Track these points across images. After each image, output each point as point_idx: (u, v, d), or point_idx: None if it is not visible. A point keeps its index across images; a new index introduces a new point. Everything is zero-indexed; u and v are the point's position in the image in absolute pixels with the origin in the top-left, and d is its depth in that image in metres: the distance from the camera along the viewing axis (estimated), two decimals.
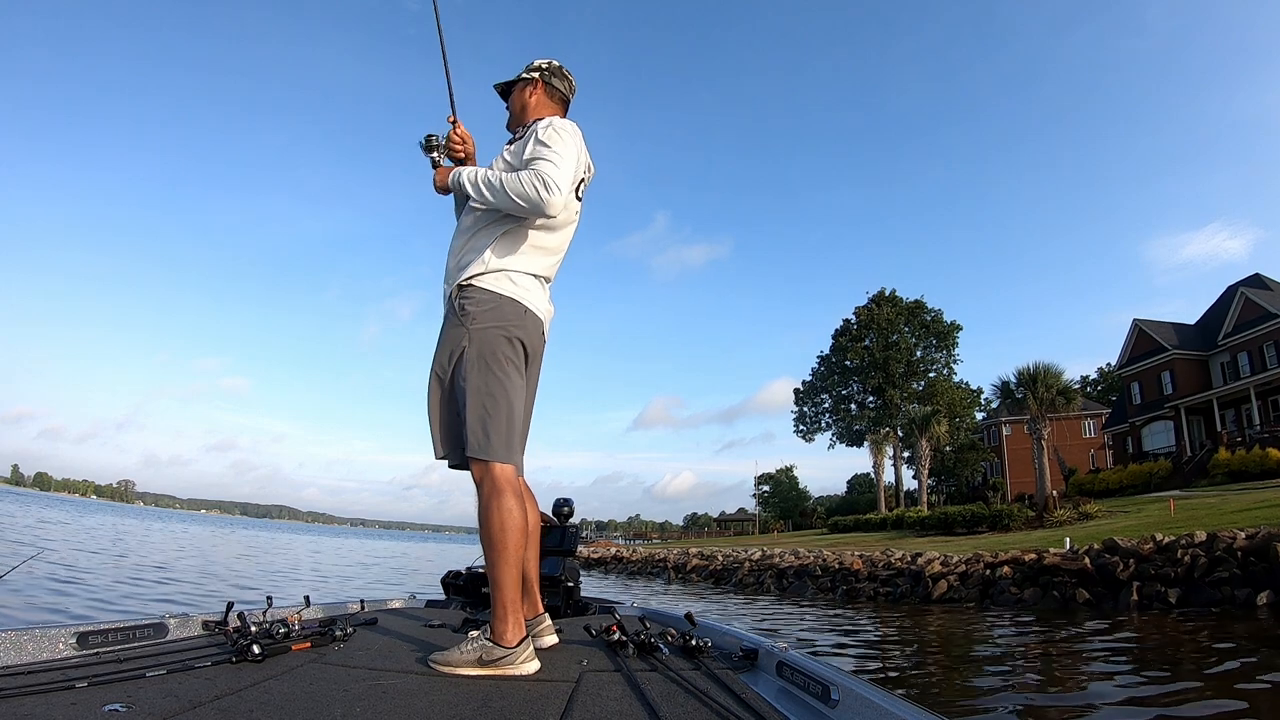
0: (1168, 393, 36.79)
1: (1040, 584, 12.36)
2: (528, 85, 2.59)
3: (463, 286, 2.29)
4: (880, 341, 49.39)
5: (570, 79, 2.66)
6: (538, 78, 2.60)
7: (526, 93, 2.59)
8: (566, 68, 2.65)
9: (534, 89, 2.59)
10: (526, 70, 2.61)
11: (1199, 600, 10.17)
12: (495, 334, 2.24)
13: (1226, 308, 35.49)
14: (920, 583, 14.37)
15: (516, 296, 2.30)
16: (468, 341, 2.23)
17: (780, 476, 79.72)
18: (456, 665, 2.02)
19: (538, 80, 2.60)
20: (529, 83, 2.59)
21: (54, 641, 1.96)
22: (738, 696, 1.75)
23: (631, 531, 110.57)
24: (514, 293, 2.29)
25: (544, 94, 2.60)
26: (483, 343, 2.23)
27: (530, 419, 2.56)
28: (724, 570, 22.50)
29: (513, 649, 2.03)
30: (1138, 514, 20.72)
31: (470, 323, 2.24)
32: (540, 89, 2.59)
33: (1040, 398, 26.46)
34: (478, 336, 2.23)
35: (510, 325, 2.27)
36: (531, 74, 2.60)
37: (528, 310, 2.32)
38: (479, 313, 2.25)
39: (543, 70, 2.61)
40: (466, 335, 2.24)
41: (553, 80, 2.61)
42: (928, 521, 28.86)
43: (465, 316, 2.25)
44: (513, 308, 2.29)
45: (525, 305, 2.32)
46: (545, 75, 2.60)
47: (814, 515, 59.51)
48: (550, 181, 2.16)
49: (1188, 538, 11.73)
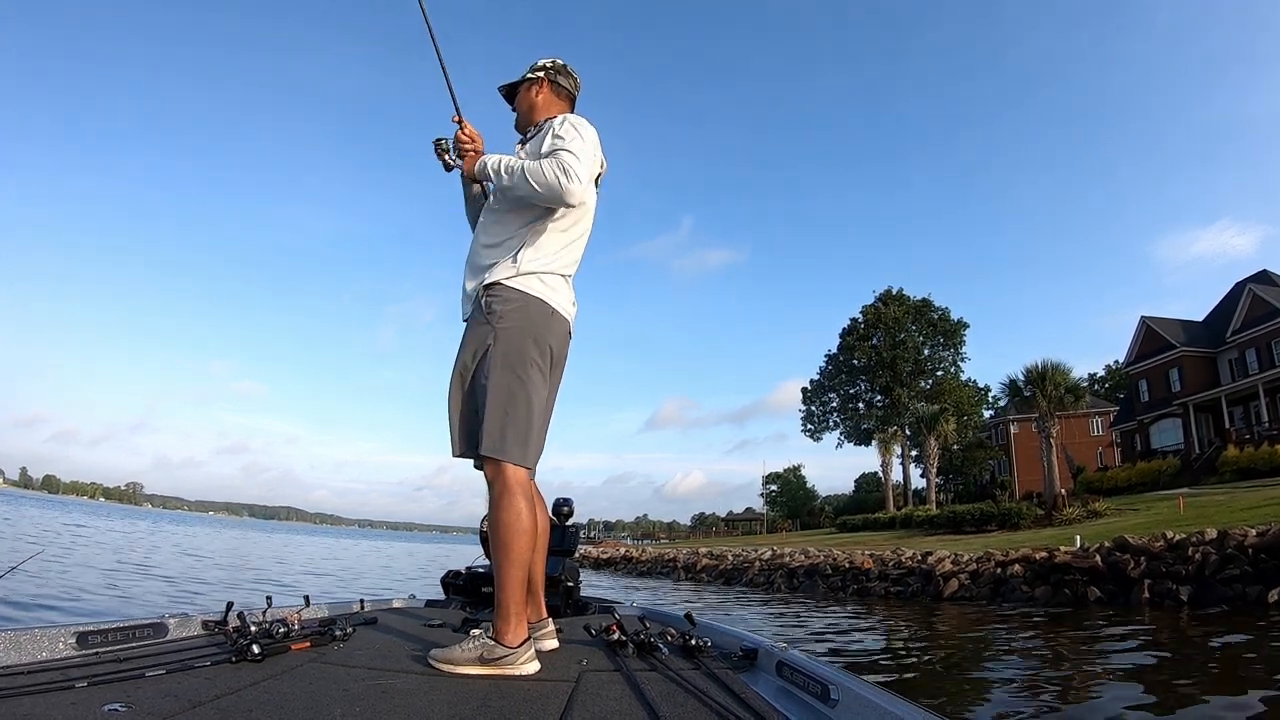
0: (1176, 390, 36.52)
1: (1052, 582, 12.29)
2: (534, 85, 2.61)
3: (490, 285, 2.29)
4: (888, 340, 49.25)
5: (575, 76, 2.67)
6: (543, 76, 2.61)
7: (533, 92, 2.61)
8: (571, 65, 2.66)
9: (540, 88, 2.60)
10: (531, 70, 2.63)
11: (1211, 598, 10.08)
12: (522, 335, 2.24)
13: (1234, 304, 35.23)
14: (931, 581, 14.33)
15: (544, 297, 2.30)
16: (493, 340, 2.23)
17: (788, 476, 79.68)
18: (457, 663, 2.02)
19: (543, 79, 2.61)
20: (535, 82, 2.61)
21: (53, 641, 1.95)
22: (737, 696, 1.74)
23: (639, 531, 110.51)
24: (542, 293, 2.30)
25: (550, 92, 2.61)
26: (508, 342, 2.22)
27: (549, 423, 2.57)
28: (734, 570, 22.46)
29: (514, 649, 2.03)
30: (1147, 512, 20.61)
31: (497, 321, 2.24)
32: (546, 87, 2.61)
33: (1049, 396, 26.33)
34: (503, 336, 2.22)
35: (538, 327, 2.27)
36: (537, 73, 2.61)
37: (554, 312, 2.32)
38: (506, 312, 2.25)
39: (547, 69, 2.62)
40: (492, 334, 2.23)
41: (558, 78, 2.63)
42: (936, 520, 28.80)
43: (492, 315, 2.25)
44: (540, 309, 2.29)
45: (552, 307, 2.32)
46: (550, 74, 2.62)
47: (822, 514, 59.33)
48: (571, 170, 2.17)
49: (1198, 535, 11.63)
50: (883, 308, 50.14)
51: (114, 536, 24.97)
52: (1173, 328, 38.33)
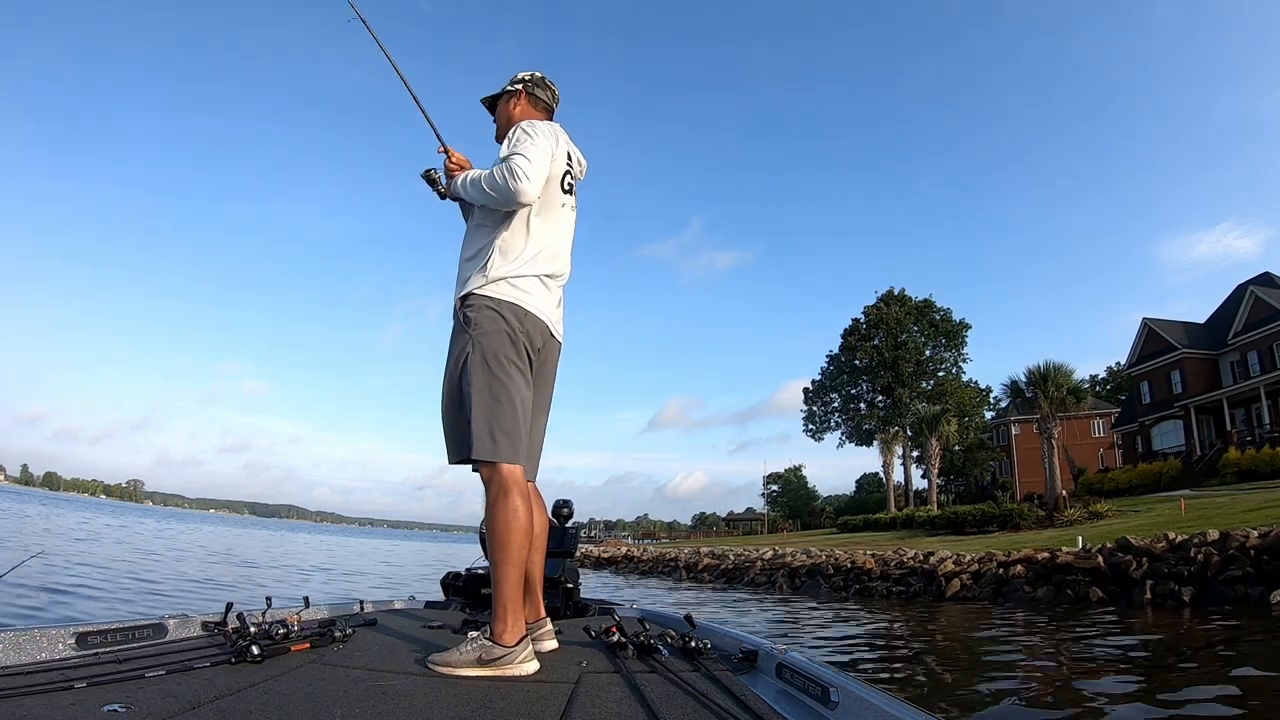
0: (1177, 392, 36.51)
1: (1054, 583, 12.30)
2: (511, 97, 2.70)
3: (465, 297, 2.35)
4: (889, 341, 49.20)
5: (553, 89, 2.77)
6: (520, 89, 2.71)
7: (511, 104, 2.70)
8: (549, 78, 2.76)
9: (518, 100, 2.69)
10: (510, 83, 2.73)
11: (1212, 599, 10.08)
12: (498, 338, 2.29)
13: (1236, 306, 35.21)
14: (934, 581, 14.33)
15: (517, 300, 2.34)
16: (471, 347, 2.27)
17: (789, 476, 79.71)
18: (455, 665, 2.02)
19: (520, 91, 2.70)
20: (513, 94, 2.70)
21: (53, 642, 1.95)
22: (737, 698, 1.74)
23: (640, 531, 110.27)
24: (515, 297, 2.34)
25: (528, 104, 2.70)
26: (485, 347, 2.27)
27: (545, 425, 2.61)
28: (736, 569, 22.45)
29: (511, 649, 2.04)
30: (1148, 513, 20.60)
31: (473, 330, 2.29)
32: (524, 99, 2.70)
33: (1051, 397, 26.32)
34: (480, 341, 2.27)
35: (514, 329, 2.31)
36: (515, 86, 2.71)
37: (529, 313, 2.36)
38: (480, 319, 2.30)
39: (525, 82, 2.72)
40: (470, 342, 2.28)
41: (535, 91, 2.72)
42: (938, 521, 28.81)
43: (469, 324, 2.30)
44: (513, 311, 2.33)
45: (526, 309, 2.36)
46: (528, 86, 2.71)
47: (823, 515, 59.36)
48: (519, 171, 2.24)
49: (1200, 536, 11.62)
50: (884, 308, 50.09)
51: (109, 531, 25.00)
52: (1175, 330, 38.30)
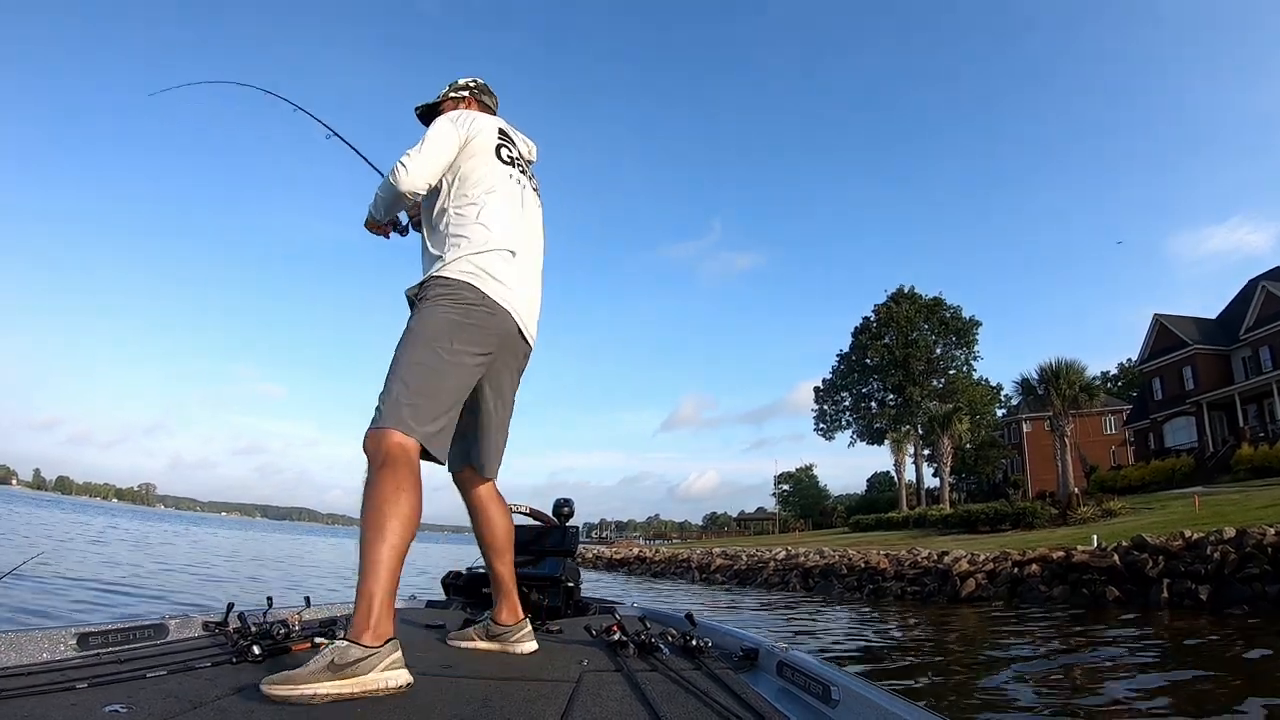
0: (1189, 388, 36.17)
1: (1069, 582, 12.23)
2: (460, 103, 2.65)
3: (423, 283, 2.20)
4: (900, 339, 49.09)
5: (495, 95, 2.77)
6: (468, 95, 2.68)
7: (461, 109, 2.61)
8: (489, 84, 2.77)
9: (467, 105, 2.64)
10: (453, 89, 2.69)
11: (1230, 597, 9.96)
12: (444, 312, 2.11)
13: (1248, 301, 34.82)
14: (948, 581, 14.26)
15: (470, 280, 2.17)
16: (416, 322, 2.12)
17: (800, 475, 79.53)
18: (299, 682, 1.59)
19: (469, 98, 2.68)
20: (460, 101, 2.66)
21: (54, 642, 1.95)
22: (738, 696, 1.72)
23: (651, 531, 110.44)
24: (469, 277, 2.18)
25: (478, 109, 2.63)
26: (425, 317, 2.10)
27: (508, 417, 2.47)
28: (749, 570, 22.43)
29: (373, 649, 1.68)
30: (1162, 511, 20.43)
31: (422, 306, 2.14)
32: (475, 105, 2.66)
33: (1063, 394, 26.10)
34: (423, 312, 2.11)
35: (468, 306, 2.14)
36: (460, 92, 2.68)
37: (485, 296, 2.18)
38: (432, 296, 2.14)
39: (472, 89, 2.70)
40: (416, 316, 2.14)
41: (483, 98, 2.71)
42: (951, 519, 28.68)
43: (421, 301, 2.16)
44: (469, 291, 2.16)
45: (483, 291, 2.18)
46: (475, 93, 2.70)
47: (834, 514, 59.19)
48: (403, 163, 2.21)
49: (1217, 534, 11.52)
50: (895, 306, 49.96)
51: (111, 534, 25.16)
52: (1186, 325, 37.95)
